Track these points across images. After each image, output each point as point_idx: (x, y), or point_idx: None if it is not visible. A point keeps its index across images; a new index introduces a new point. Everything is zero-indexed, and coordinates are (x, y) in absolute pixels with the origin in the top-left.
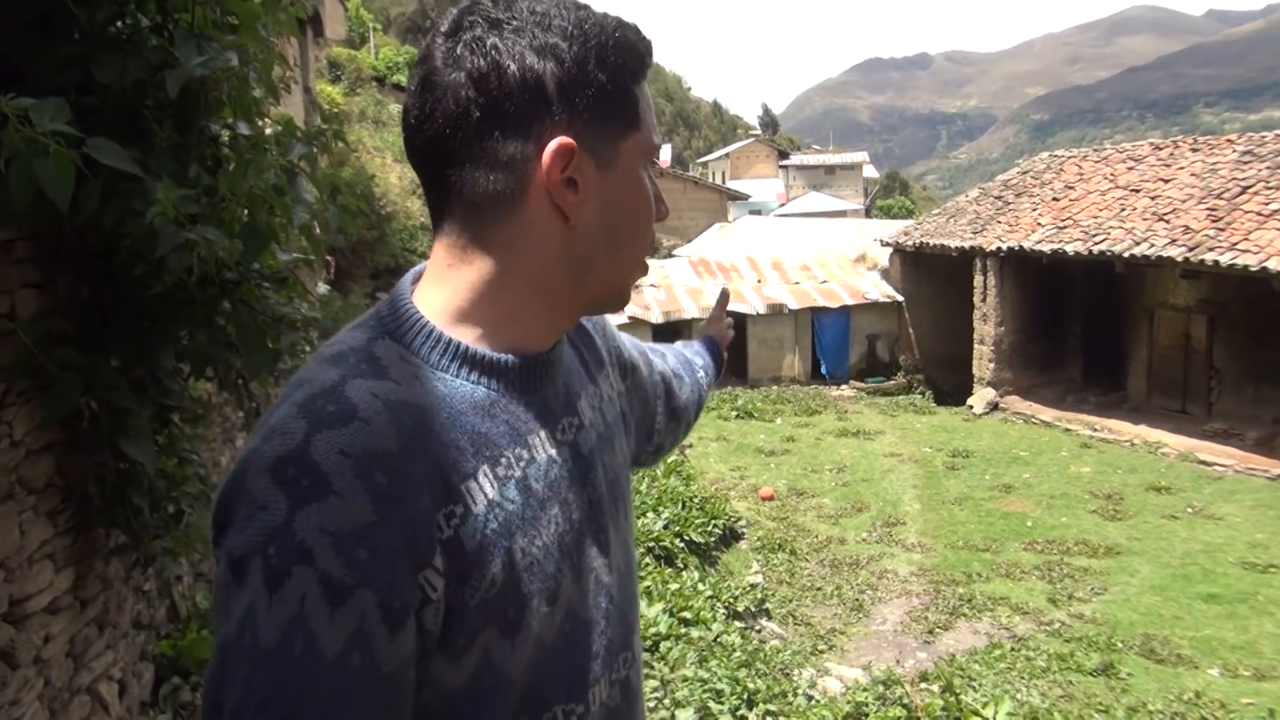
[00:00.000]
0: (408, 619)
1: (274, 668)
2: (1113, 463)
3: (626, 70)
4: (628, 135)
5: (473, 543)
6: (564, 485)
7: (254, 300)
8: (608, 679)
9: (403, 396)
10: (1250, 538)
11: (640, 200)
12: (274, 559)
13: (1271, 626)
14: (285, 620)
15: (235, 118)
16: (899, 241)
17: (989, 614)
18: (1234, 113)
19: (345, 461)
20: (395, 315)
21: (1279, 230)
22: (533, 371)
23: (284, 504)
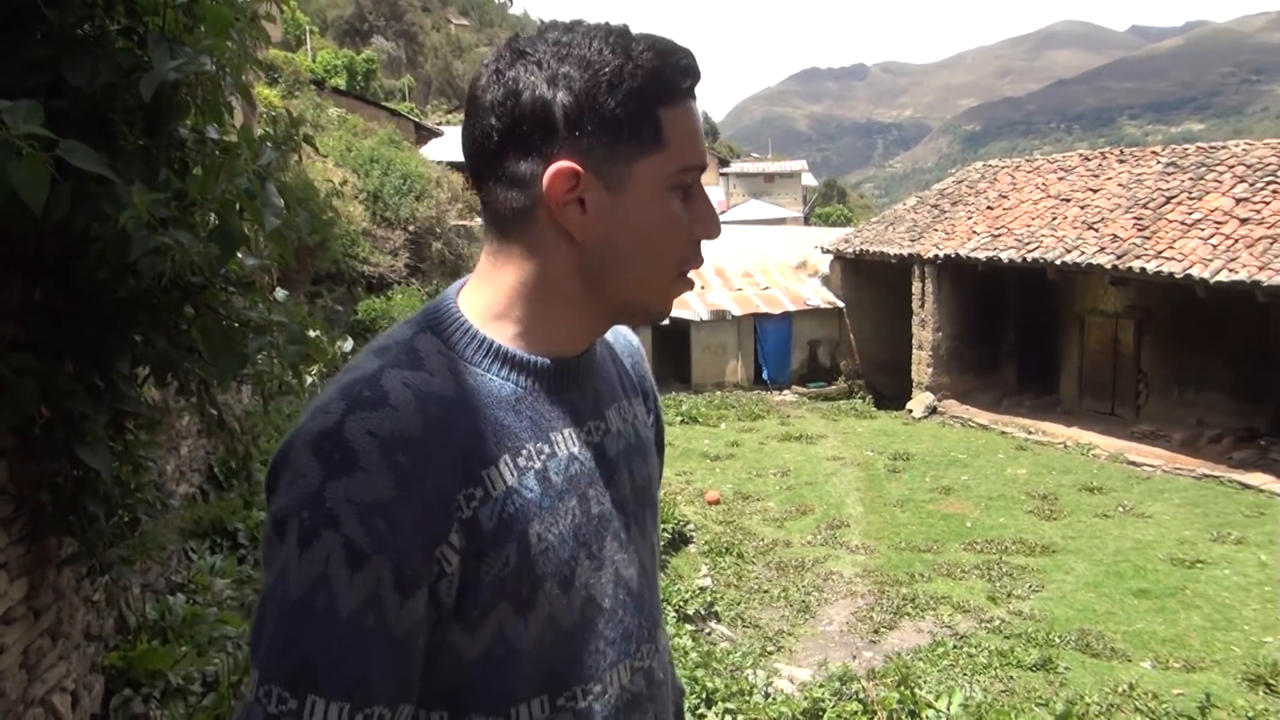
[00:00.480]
0: (419, 588)
1: (297, 617)
2: (1047, 464)
3: (645, 95)
4: (645, 156)
5: (490, 524)
6: (584, 481)
7: (219, 305)
8: (628, 665)
9: (433, 388)
10: (1178, 535)
11: (659, 219)
12: (306, 521)
13: (1199, 619)
14: (311, 577)
15: (205, 122)
16: (839, 249)
17: (932, 613)
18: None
19: (372, 442)
20: (439, 313)
21: (1201, 239)
22: (562, 374)
23: (319, 474)
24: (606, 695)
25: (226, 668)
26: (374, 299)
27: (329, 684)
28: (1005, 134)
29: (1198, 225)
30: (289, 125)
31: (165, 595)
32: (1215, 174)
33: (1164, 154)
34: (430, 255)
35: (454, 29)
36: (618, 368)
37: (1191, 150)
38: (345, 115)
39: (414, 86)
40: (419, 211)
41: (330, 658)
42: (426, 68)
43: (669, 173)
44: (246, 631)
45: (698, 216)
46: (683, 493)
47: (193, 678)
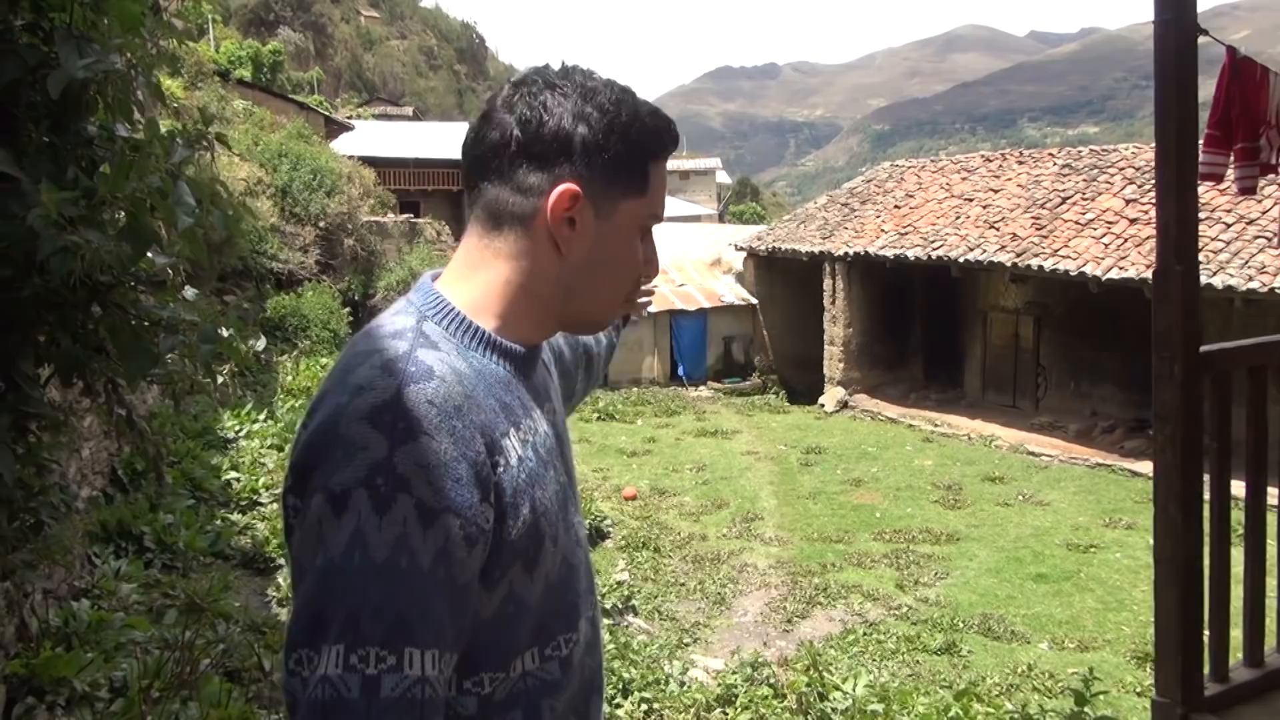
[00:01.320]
0: (479, 540)
1: (386, 578)
2: (952, 455)
3: (643, 147)
4: (630, 197)
5: (510, 488)
6: (554, 455)
7: (128, 304)
8: (587, 616)
9: (455, 365)
10: (1073, 521)
11: (626, 253)
12: (382, 488)
13: (1092, 602)
14: (393, 539)
15: (114, 119)
16: (752, 246)
17: (843, 601)
18: (1054, 128)
19: (432, 409)
20: (430, 304)
21: (1094, 238)
22: (531, 361)
23: (384, 444)
24: (578, 642)
25: (135, 673)
26: (284, 296)
27: (422, 635)
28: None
29: (1091, 225)
30: (200, 123)
31: (69, 601)
32: (1107, 176)
33: (1060, 156)
34: (342, 252)
35: (364, 21)
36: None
37: (1085, 153)
38: (252, 108)
39: (323, 79)
40: (330, 207)
41: (421, 611)
42: (336, 60)
43: (643, 215)
44: (155, 636)
45: (648, 258)
46: (600, 489)
47: (100, 684)
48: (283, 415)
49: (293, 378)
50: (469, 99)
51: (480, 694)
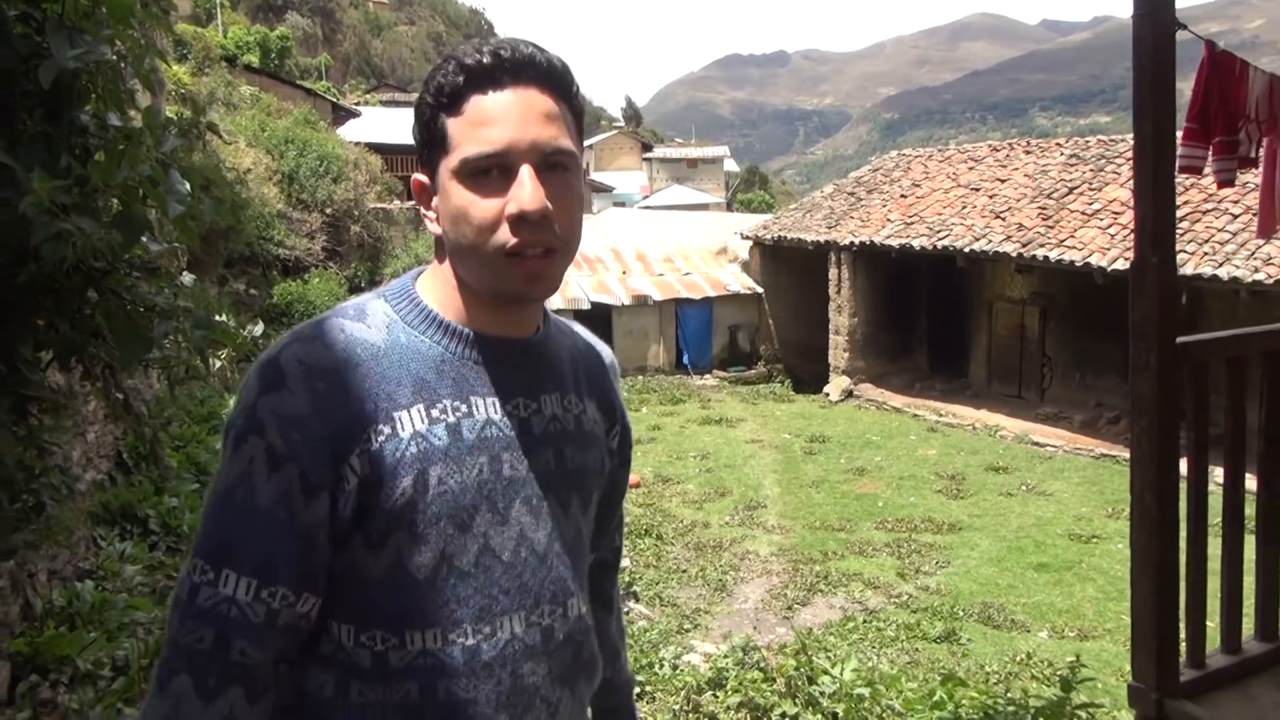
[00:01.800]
0: (322, 492)
1: (222, 505)
2: (956, 445)
3: (431, 109)
4: (442, 160)
5: (391, 459)
6: (499, 445)
7: (123, 290)
8: (523, 618)
9: (364, 336)
10: (1076, 511)
11: (455, 209)
12: (239, 427)
13: (1093, 591)
14: (237, 473)
15: (106, 109)
16: (759, 235)
17: (843, 589)
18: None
19: (299, 368)
20: (395, 286)
21: (1100, 229)
22: (492, 349)
23: (256, 391)
24: (495, 638)
25: (137, 652)
26: (290, 282)
27: (242, 561)
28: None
29: (1097, 215)
30: (193, 113)
31: (73, 582)
32: (1114, 166)
33: (1067, 146)
34: (348, 238)
35: (372, 7)
36: (574, 368)
37: (1093, 143)
38: (259, 94)
39: (331, 65)
40: (336, 194)
41: (244, 539)
42: (344, 46)
43: (453, 165)
44: (158, 617)
45: (512, 197)
46: None
47: (102, 663)
48: None
49: None
50: None
51: (374, 650)
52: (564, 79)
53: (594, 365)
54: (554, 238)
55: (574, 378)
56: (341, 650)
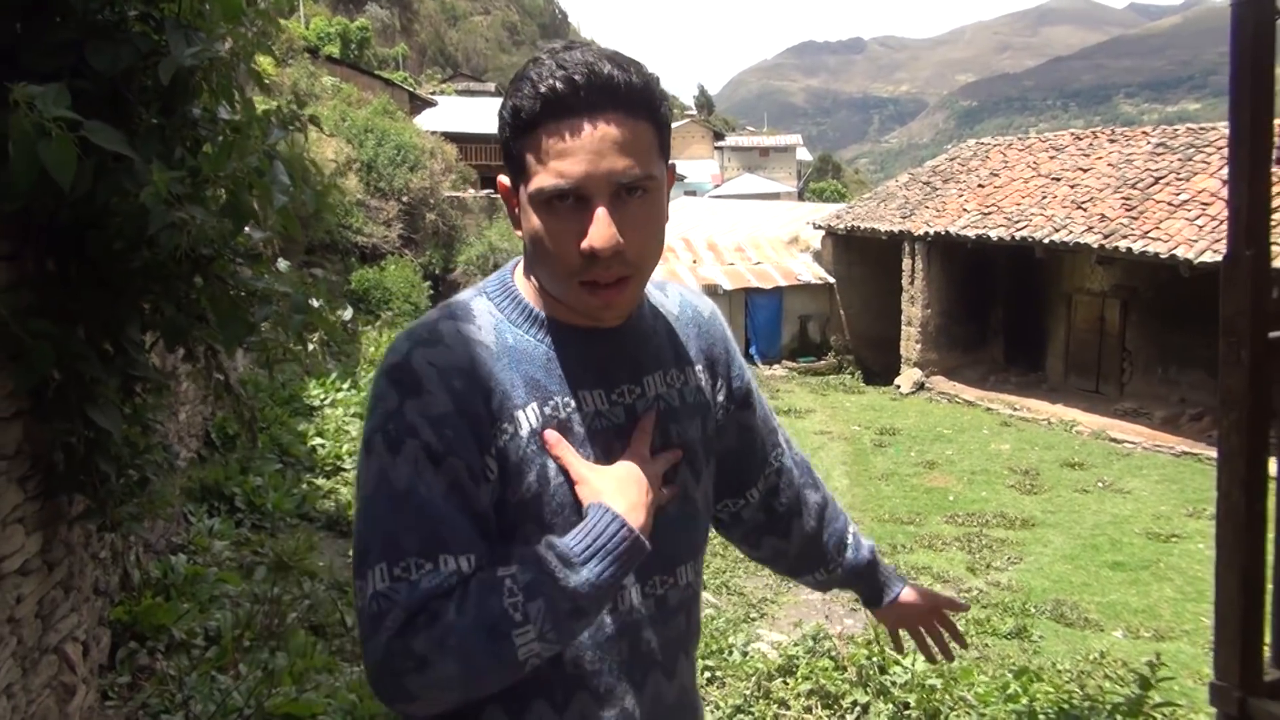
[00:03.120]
0: (483, 481)
1: (410, 503)
2: (1030, 440)
3: (510, 128)
4: (522, 183)
5: (516, 456)
6: (610, 434)
7: (227, 275)
8: (641, 588)
9: (479, 338)
10: (1154, 510)
11: (533, 232)
12: (392, 432)
13: (1171, 591)
14: (408, 473)
15: (217, 103)
16: (831, 225)
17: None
18: (1151, 104)
19: (432, 370)
20: (494, 282)
21: (1187, 220)
22: (592, 342)
23: (395, 397)
24: (617, 611)
25: (229, 623)
26: (367, 269)
27: (454, 544)
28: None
29: (1184, 206)
30: (294, 104)
31: (167, 555)
32: (1204, 155)
33: (1154, 134)
34: (424, 226)
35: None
36: (673, 339)
37: (1181, 131)
38: (339, 84)
39: (408, 55)
40: (413, 182)
41: (448, 528)
42: (421, 36)
43: (529, 193)
44: (246, 590)
45: (585, 230)
46: None
47: (195, 632)
48: (366, 385)
49: (375, 349)
50: None
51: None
52: (645, 97)
53: (696, 325)
54: (627, 266)
55: (674, 350)
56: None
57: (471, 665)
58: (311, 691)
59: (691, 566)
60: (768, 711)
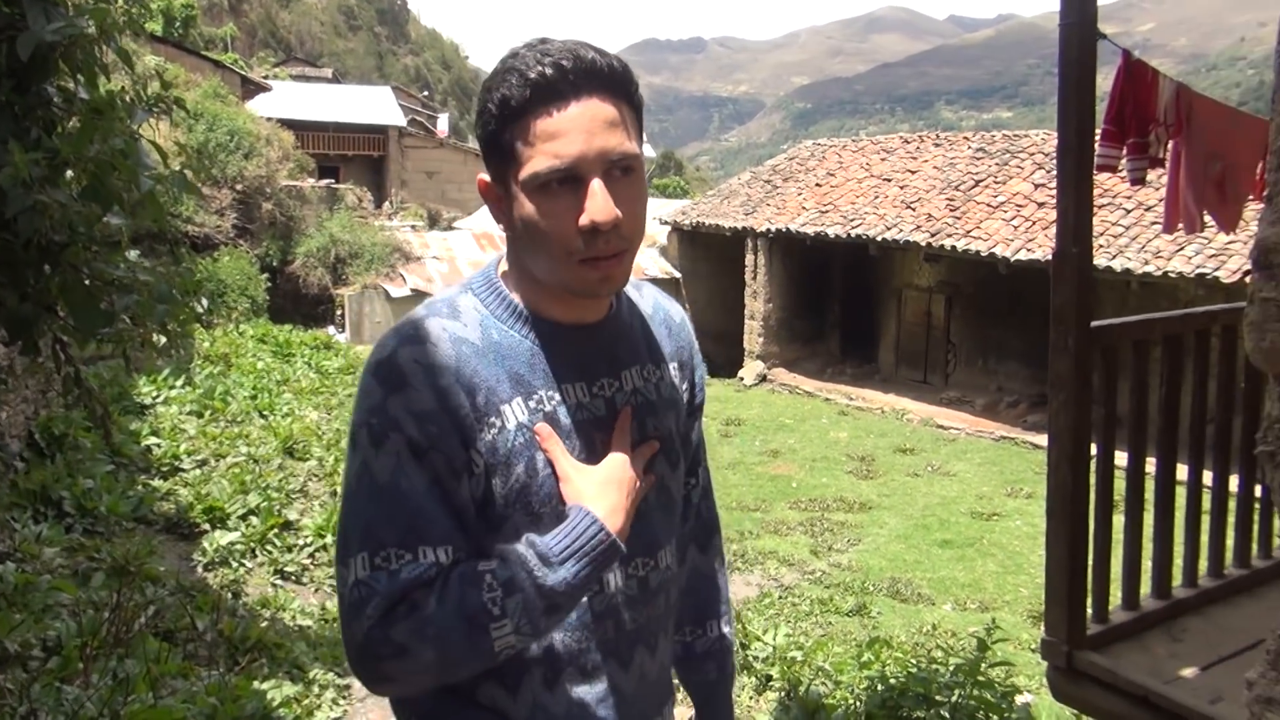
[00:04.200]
0: (464, 476)
1: (391, 495)
2: (866, 428)
3: (496, 118)
4: (510, 172)
5: (504, 449)
6: (591, 426)
7: (81, 264)
8: (624, 571)
9: (465, 335)
10: (978, 491)
11: (529, 218)
12: (376, 426)
13: (994, 566)
14: (391, 466)
15: (78, 84)
16: (677, 221)
17: (760, 567)
18: (969, 111)
19: (418, 367)
20: (479, 277)
21: (1004, 220)
22: (574, 336)
23: (380, 392)
24: (602, 594)
25: (71, 632)
26: (200, 261)
27: (433, 535)
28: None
29: (1001, 207)
30: (160, 87)
31: None
32: (1018, 160)
33: (974, 140)
34: (260, 216)
35: None
36: (648, 335)
37: (998, 137)
38: (164, 65)
39: (237, 36)
40: (247, 170)
41: (427, 517)
42: (250, 16)
43: (523, 179)
44: (85, 598)
45: (576, 207)
46: None
47: (31, 644)
48: (201, 382)
49: (210, 344)
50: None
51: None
52: (625, 80)
53: (668, 326)
54: (623, 241)
55: (649, 346)
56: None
57: (448, 654)
58: (169, 697)
59: (670, 550)
60: None
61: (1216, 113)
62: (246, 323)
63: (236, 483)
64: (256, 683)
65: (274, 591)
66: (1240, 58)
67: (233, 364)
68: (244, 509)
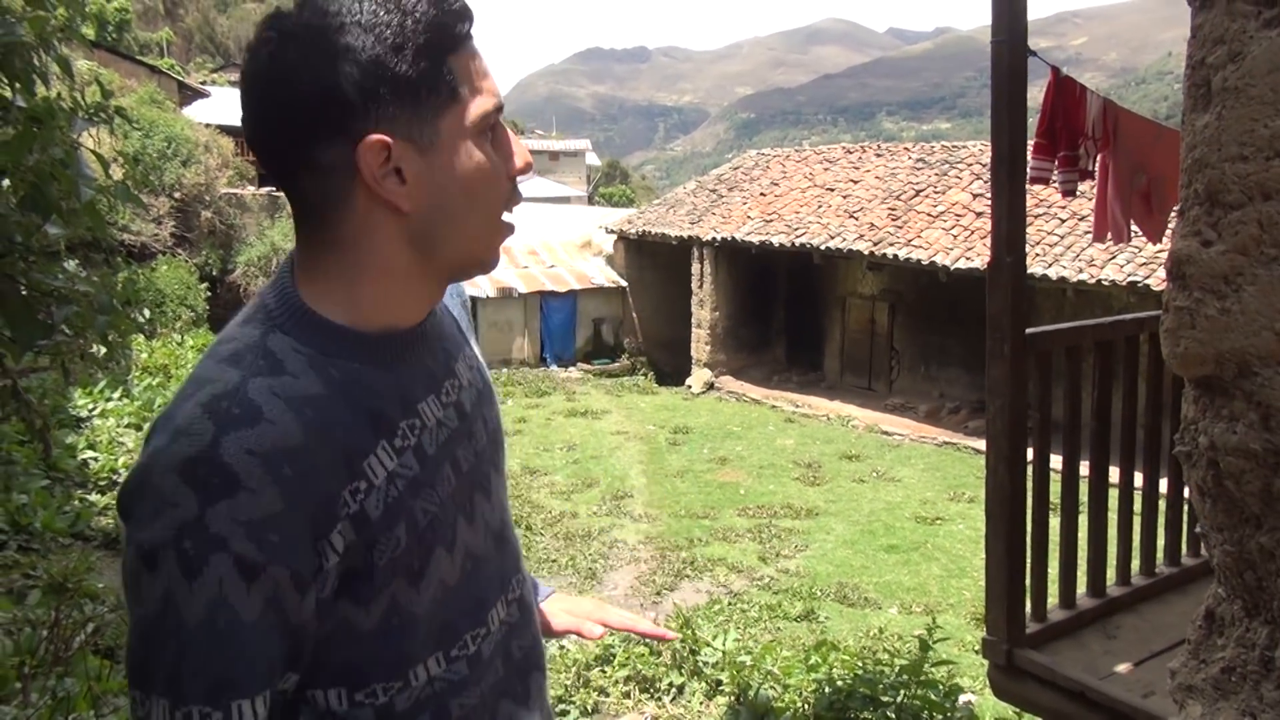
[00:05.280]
0: (313, 582)
1: (202, 641)
2: (812, 435)
3: (431, 48)
4: (446, 111)
5: (377, 513)
6: (454, 444)
7: (18, 274)
8: (504, 600)
9: (302, 390)
10: (921, 496)
11: (473, 171)
12: (190, 550)
13: (937, 570)
14: (206, 601)
15: (15, 90)
16: (623, 229)
17: (709, 574)
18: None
19: (253, 460)
20: (283, 308)
21: (944, 230)
22: (412, 344)
23: (194, 501)
24: (491, 634)
25: (6, 651)
26: (137, 270)
27: (248, 685)
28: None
29: (941, 217)
30: (101, 95)
31: None
32: (956, 171)
33: (914, 150)
34: (199, 225)
35: None
36: (448, 316)
37: (938, 148)
38: (97, 70)
39: (173, 41)
40: (185, 178)
41: (246, 665)
42: (187, 21)
43: (472, 120)
44: (20, 616)
45: (506, 153)
46: None
47: None
48: (140, 394)
49: (148, 355)
50: None
51: (375, 704)
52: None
53: (455, 296)
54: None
55: (456, 326)
56: (331, 717)
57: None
58: (111, 715)
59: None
60: (588, 700)
61: (1141, 127)
62: (187, 333)
63: None
64: None
65: None
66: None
67: (172, 375)
68: None
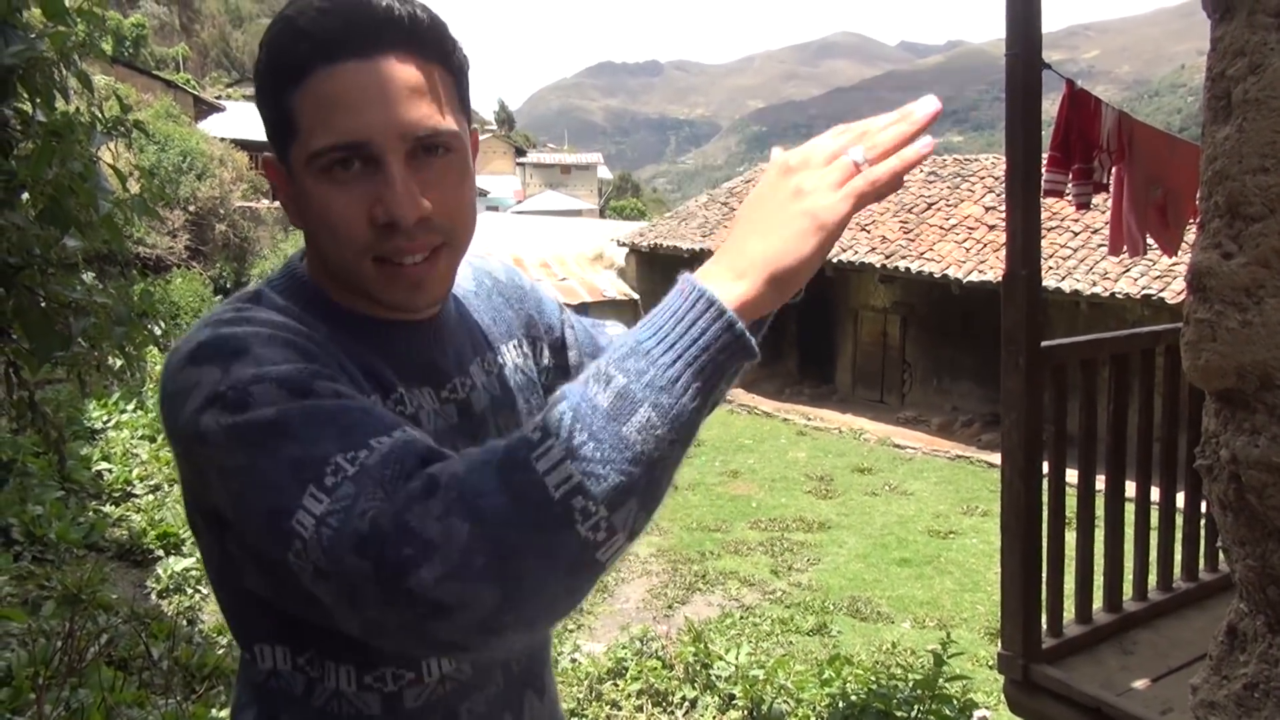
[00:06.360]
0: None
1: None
2: (824, 448)
3: (270, 83)
4: (291, 144)
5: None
6: (449, 439)
7: (36, 286)
8: None
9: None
10: (934, 509)
11: (315, 207)
12: (230, 394)
13: (951, 584)
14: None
15: (35, 105)
16: (634, 242)
17: (721, 587)
18: None
19: (254, 329)
20: (282, 273)
21: (956, 243)
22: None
23: (215, 369)
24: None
25: (21, 661)
26: (152, 282)
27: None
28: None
29: (953, 230)
30: (120, 110)
31: None
32: (969, 184)
33: (926, 164)
34: (213, 238)
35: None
36: (480, 320)
37: (950, 161)
38: (115, 85)
39: (189, 56)
40: (200, 191)
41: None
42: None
43: (308, 157)
44: (35, 627)
45: (377, 197)
46: None
47: None
48: (152, 405)
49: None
50: None
51: (384, 691)
52: (435, 35)
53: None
54: (438, 233)
55: (484, 332)
56: (339, 699)
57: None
58: None
59: None
60: (600, 713)
61: (1156, 140)
62: None
63: None
64: (214, 710)
65: None
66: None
67: None
68: None
